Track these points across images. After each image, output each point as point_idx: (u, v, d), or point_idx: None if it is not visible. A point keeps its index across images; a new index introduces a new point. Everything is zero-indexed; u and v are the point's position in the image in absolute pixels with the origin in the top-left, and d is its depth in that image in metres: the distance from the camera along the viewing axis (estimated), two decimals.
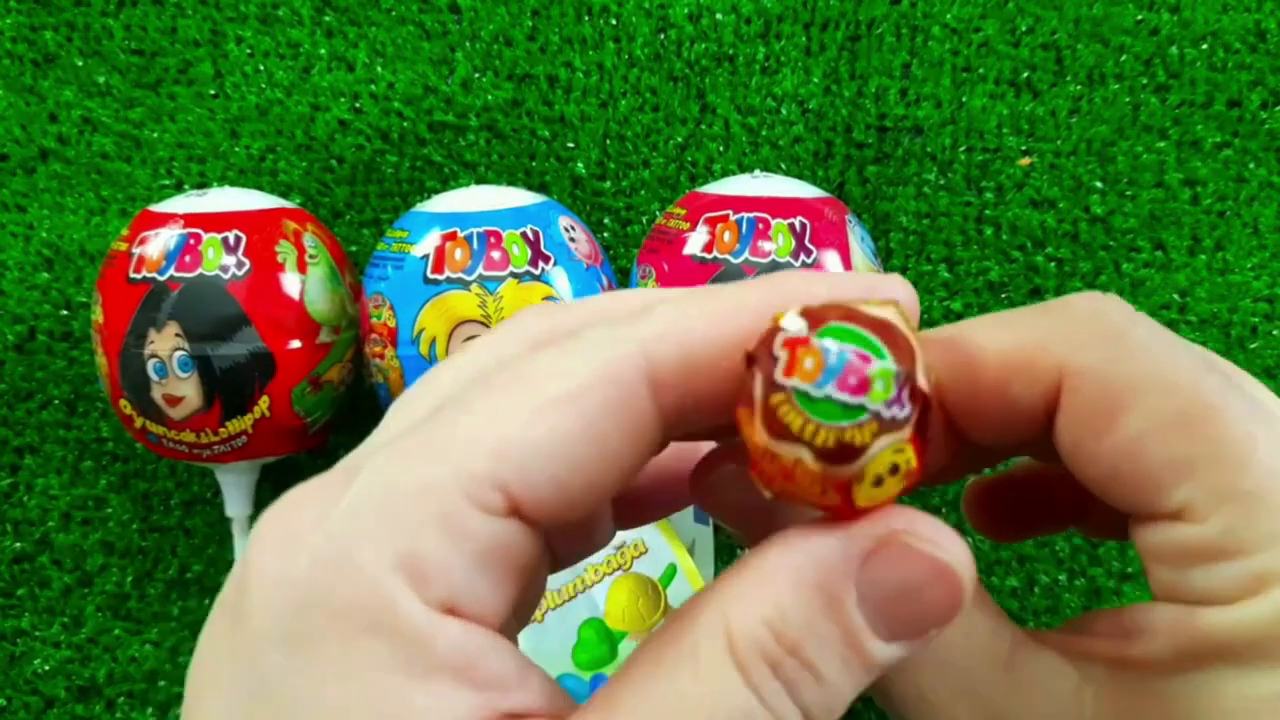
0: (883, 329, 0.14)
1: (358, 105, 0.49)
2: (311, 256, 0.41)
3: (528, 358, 0.15)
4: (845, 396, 0.14)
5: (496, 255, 0.39)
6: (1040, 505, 0.22)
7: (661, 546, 0.43)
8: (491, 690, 0.14)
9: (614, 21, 0.49)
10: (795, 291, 0.16)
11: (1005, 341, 0.16)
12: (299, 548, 0.14)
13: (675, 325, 0.15)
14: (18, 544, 0.48)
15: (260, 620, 0.14)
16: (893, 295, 0.16)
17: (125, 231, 0.41)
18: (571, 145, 0.49)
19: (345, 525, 0.14)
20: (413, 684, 0.14)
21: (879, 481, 0.14)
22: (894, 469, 0.14)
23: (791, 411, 0.14)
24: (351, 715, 0.13)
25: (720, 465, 0.18)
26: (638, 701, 0.14)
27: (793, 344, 0.14)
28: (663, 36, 0.49)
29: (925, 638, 0.15)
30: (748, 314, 0.15)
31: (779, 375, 0.14)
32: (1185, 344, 0.16)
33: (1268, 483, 0.15)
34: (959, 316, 0.47)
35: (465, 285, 0.38)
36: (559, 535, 0.19)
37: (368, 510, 0.14)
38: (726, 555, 0.46)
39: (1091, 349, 0.16)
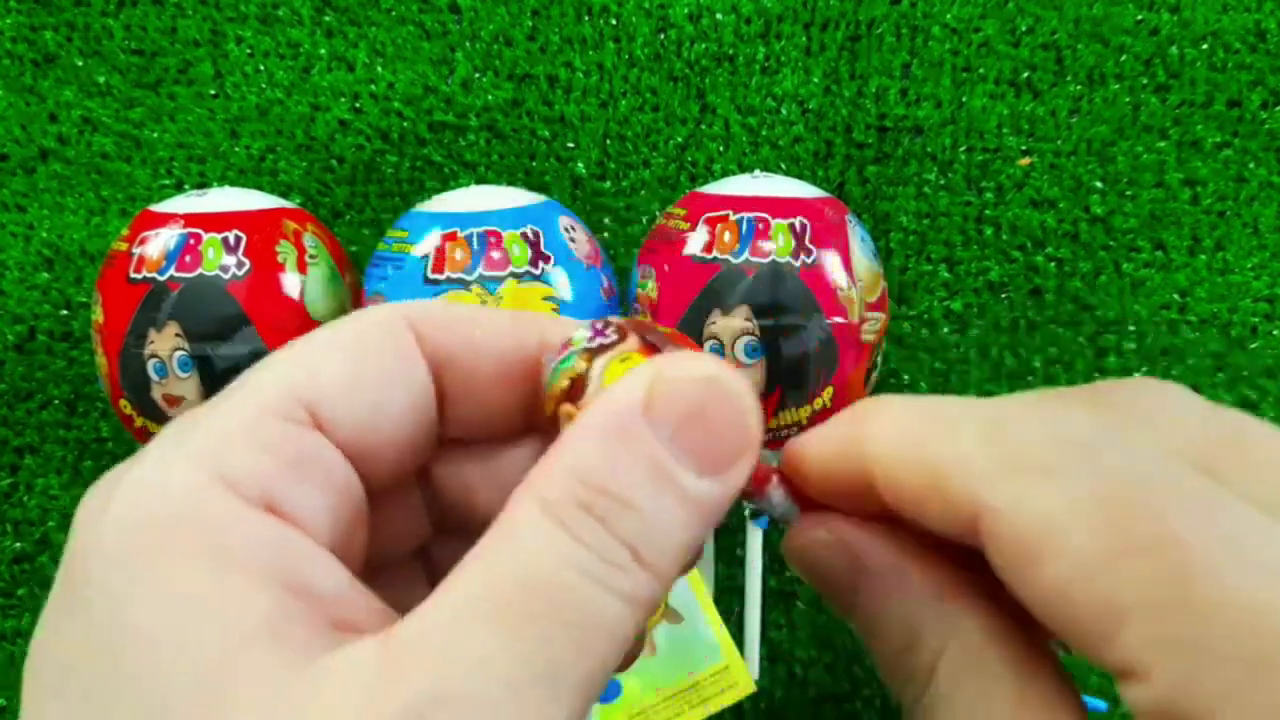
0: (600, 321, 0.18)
1: (358, 105, 0.49)
2: (311, 256, 0.41)
3: (322, 329, 0.18)
4: (559, 356, 0.17)
5: (496, 255, 0.39)
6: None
7: None
8: (311, 596, 0.14)
9: (614, 21, 0.49)
10: (536, 323, 0.19)
11: (906, 456, 0.16)
12: (115, 490, 0.15)
13: (435, 303, 0.18)
14: (18, 544, 0.48)
15: (85, 556, 0.14)
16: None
17: (125, 231, 0.41)
18: (571, 145, 0.49)
19: (157, 458, 0.15)
20: (222, 575, 0.14)
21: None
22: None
23: (547, 386, 0.18)
24: (169, 611, 0.13)
25: (810, 534, 0.18)
26: (468, 584, 0.14)
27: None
28: (663, 36, 0.49)
29: (732, 469, 0.15)
30: (503, 316, 0.19)
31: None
32: (1111, 449, 0.14)
33: (1215, 621, 0.12)
34: (959, 317, 0.47)
35: (465, 285, 0.38)
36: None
37: (176, 443, 0.15)
38: (726, 556, 0.46)
39: (1001, 481, 0.14)
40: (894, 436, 0.16)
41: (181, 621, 0.13)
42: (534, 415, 0.19)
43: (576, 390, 0.17)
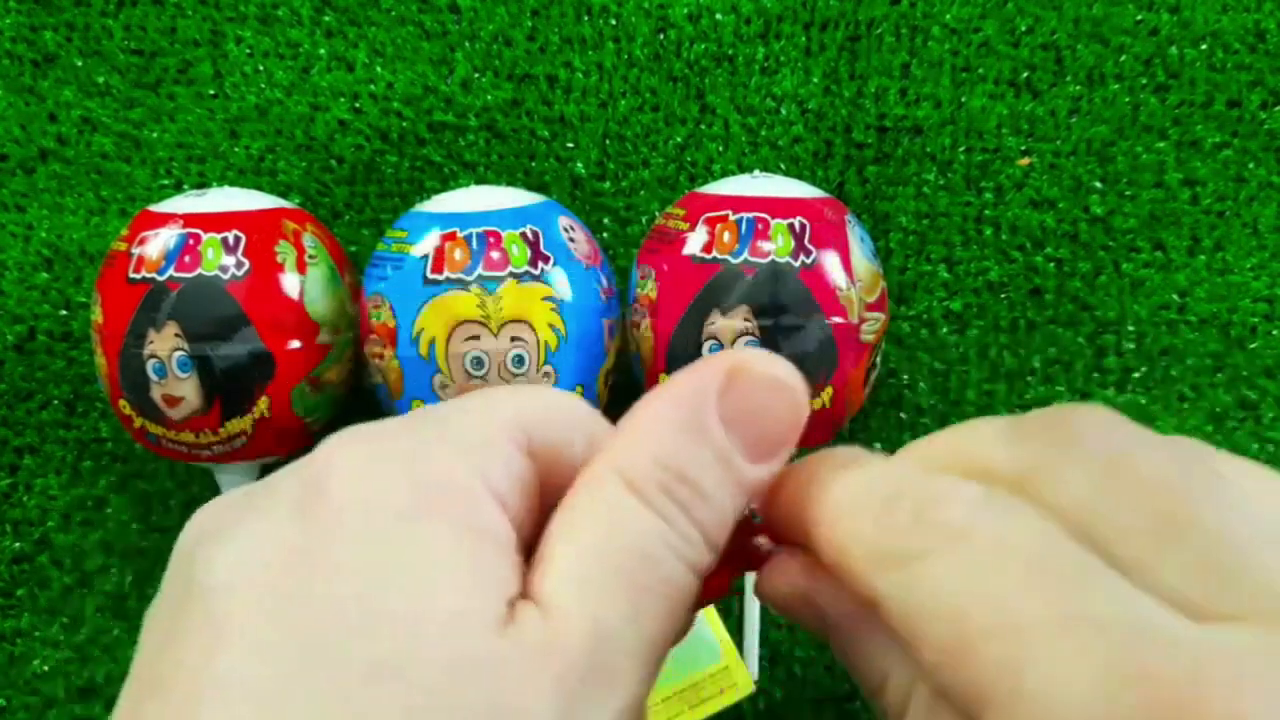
0: None
1: (358, 105, 0.49)
2: (311, 256, 0.41)
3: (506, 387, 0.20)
4: None
5: (496, 255, 0.39)
6: None
7: None
8: (513, 574, 0.17)
9: (614, 21, 0.49)
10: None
11: (824, 536, 0.18)
12: (380, 455, 0.17)
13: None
14: (17, 544, 0.48)
15: (344, 501, 0.16)
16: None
17: (125, 231, 0.41)
18: (571, 145, 0.49)
19: (422, 438, 0.17)
20: (477, 545, 0.16)
21: None
22: None
23: None
24: (427, 565, 0.16)
25: (772, 586, 0.20)
26: (581, 555, 0.16)
27: None
28: (662, 36, 0.49)
29: (778, 456, 0.18)
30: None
31: None
32: (983, 530, 0.16)
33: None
34: (959, 317, 0.47)
35: (465, 285, 0.38)
36: None
37: (436, 433, 0.17)
38: None
39: (881, 573, 0.16)
40: (823, 513, 0.18)
41: (435, 575, 0.15)
42: None
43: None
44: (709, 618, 0.42)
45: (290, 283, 0.40)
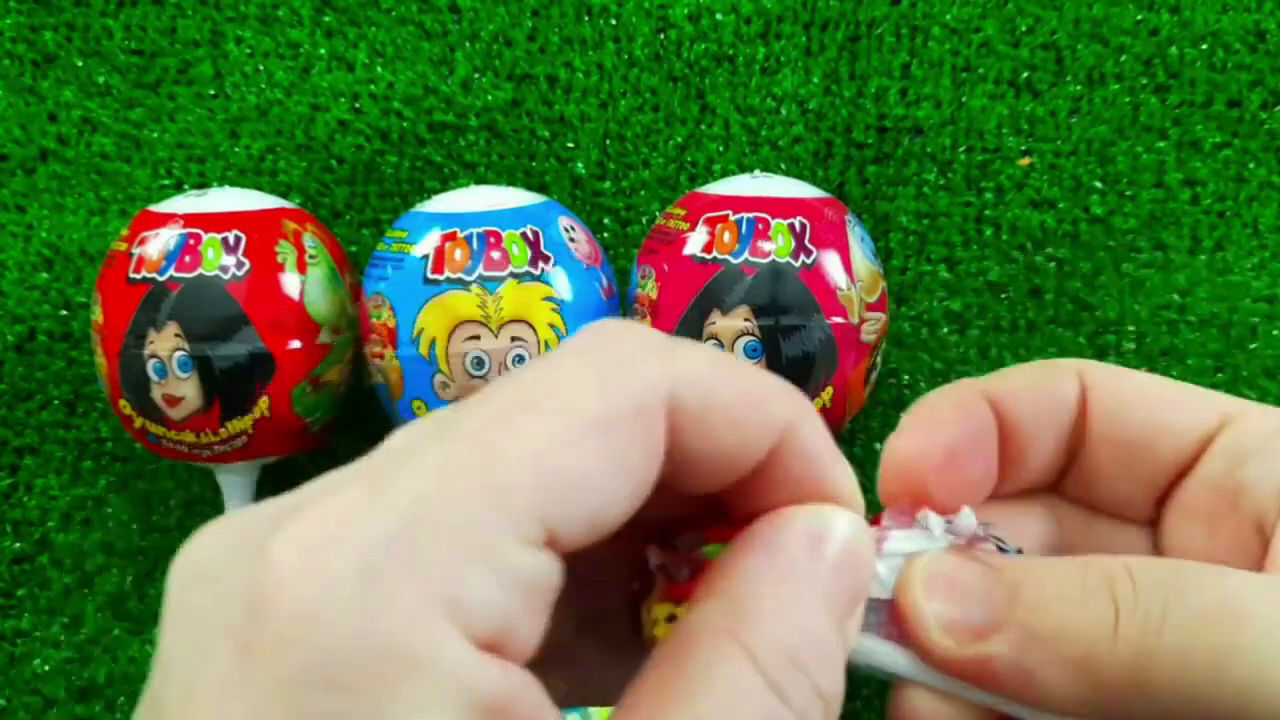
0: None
1: (358, 105, 0.49)
2: (311, 257, 0.41)
3: (567, 374, 0.15)
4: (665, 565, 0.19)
5: (496, 255, 0.39)
6: None
7: None
8: None
9: (614, 21, 0.49)
10: (797, 404, 0.18)
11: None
12: (332, 580, 0.13)
13: (706, 378, 0.16)
14: (17, 544, 0.48)
15: (292, 658, 0.13)
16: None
17: (125, 232, 0.41)
18: (571, 145, 0.49)
19: (384, 557, 0.13)
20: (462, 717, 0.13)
21: (671, 618, 0.18)
22: (670, 618, 0.18)
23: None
24: None
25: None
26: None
27: None
28: (663, 36, 0.49)
29: (859, 611, 0.18)
30: (771, 405, 0.17)
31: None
32: None
33: None
34: (959, 316, 0.47)
35: (465, 285, 0.38)
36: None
37: (408, 542, 0.13)
38: None
39: None
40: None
41: None
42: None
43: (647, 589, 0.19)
44: None
45: (290, 283, 0.40)
